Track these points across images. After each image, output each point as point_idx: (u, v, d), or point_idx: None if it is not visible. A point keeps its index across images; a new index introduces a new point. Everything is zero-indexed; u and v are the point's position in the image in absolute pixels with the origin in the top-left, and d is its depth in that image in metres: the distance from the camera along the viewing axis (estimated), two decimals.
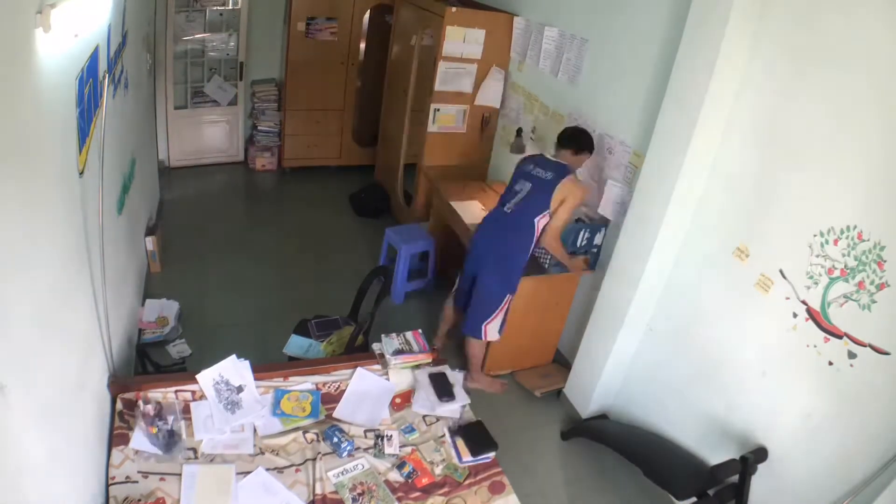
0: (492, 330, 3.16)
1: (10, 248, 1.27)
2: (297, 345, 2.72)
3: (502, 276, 3.06)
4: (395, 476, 2.18)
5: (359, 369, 2.54)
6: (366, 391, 2.49)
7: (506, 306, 3.11)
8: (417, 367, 2.59)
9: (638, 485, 2.84)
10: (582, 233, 3.28)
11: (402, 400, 2.51)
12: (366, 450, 2.25)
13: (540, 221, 3.01)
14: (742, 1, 2.23)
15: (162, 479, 1.95)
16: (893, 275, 1.90)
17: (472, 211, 3.77)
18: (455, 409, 2.48)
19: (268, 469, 2.08)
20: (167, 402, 2.19)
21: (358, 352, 2.71)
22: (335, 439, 2.22)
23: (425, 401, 2.48)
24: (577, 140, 3.07)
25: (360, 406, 2.42)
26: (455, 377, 2.58)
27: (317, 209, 5.29)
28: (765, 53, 2.28)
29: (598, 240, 3.33)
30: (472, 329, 3.19)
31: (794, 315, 2.22)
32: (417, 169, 4.48)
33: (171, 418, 2.07)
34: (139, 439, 2.04)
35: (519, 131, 4.00)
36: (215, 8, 5.10)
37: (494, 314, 3.11)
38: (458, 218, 3.70)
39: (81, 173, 1.92)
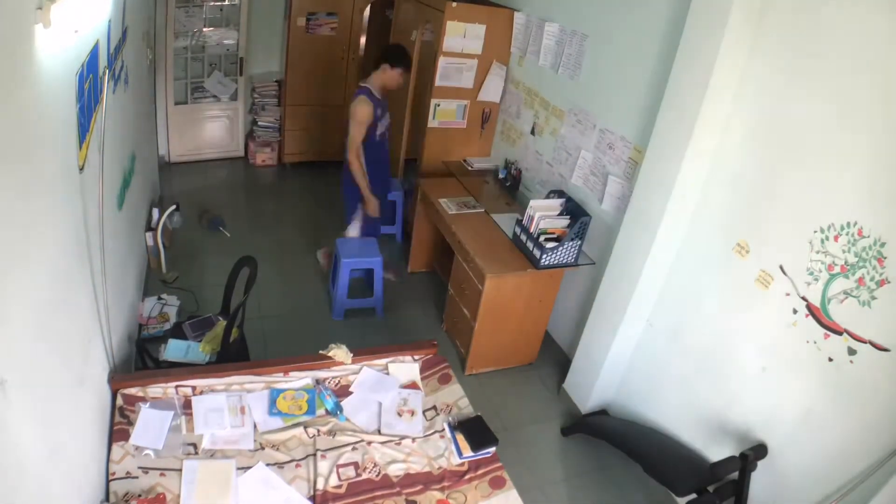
0: (352, 227, 3.93)
1: (10, 244, 1.27)
2: (175, 349, 2.65)
3: (347, 186, 3.77)
4: (394, 470, 2.18)
5: (363, 367, 2.55)
6: (370, 388, 2.50)
7: (360, 212, 3.83)
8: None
9: (638, 481, 2.84)
10: None
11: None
12: (367, 444, 2.26)
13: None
14: None
15: (162, 475, 1.96)
16: (894, 271, 1.90)
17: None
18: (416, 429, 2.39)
19: (268, 464, 2.09)
20: (167, 398, 2.20)
21: (235, 346, 2.60)
22: (327, 401, 2.30)
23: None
24: (379, 58, 3.55)
25: (364, 403, 2.43)
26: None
27: (317, 204, 5.29)
28: (765, 49, 2.27)
29: None
30: (347, 219, 3.97)
31: (794, 311, 2.22)
32: (418, 163, 4.47)
33: (171, 414, 2.08)
34: (139, 435, 2.04)
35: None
36: (215, 3, 5.08)
37: (353, 214, 3.88)
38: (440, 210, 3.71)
39: (81, 169, 1.92)
